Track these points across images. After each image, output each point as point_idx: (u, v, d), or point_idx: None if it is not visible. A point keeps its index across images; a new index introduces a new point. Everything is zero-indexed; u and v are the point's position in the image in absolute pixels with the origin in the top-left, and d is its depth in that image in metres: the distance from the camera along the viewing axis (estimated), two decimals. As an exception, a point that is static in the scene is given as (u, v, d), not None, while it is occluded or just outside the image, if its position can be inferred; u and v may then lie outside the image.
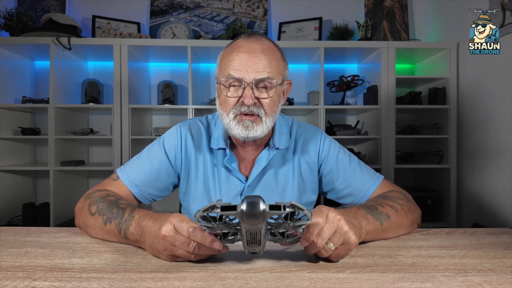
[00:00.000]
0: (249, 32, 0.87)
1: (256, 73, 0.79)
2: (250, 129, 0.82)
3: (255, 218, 0.51)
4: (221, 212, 0.52)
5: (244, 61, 0.80)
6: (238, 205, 0.52)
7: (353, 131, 2.20)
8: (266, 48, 0.82)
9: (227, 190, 0.91)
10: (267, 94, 0.82)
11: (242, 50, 0.81)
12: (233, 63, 0.80)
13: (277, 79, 0.82)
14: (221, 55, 0.87)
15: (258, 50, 0.81)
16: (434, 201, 2.11)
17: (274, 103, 0.84)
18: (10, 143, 2.14)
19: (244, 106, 0.81)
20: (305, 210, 0.53)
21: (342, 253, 0.62)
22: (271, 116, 0.84)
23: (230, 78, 0.81)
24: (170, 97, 2.23)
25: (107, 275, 0.56)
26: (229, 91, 0.82)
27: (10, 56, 2.17)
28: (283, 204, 0.52)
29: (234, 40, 0.87)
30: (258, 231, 0.55)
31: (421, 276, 0.57)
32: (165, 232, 0.59)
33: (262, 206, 0.51)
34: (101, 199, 0.78)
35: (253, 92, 0.80)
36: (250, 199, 0.51)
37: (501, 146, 1.70)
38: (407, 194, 0.89)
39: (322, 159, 0.95)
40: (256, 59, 0.80)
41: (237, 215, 0.52)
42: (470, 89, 1.97)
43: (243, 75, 0.80)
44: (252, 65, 0.79)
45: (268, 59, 0.81)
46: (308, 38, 2.37)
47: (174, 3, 2.48)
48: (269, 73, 0.80)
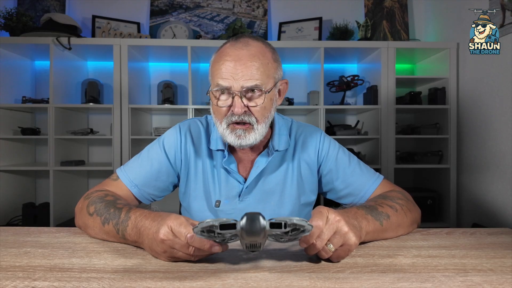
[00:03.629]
0: (237, 35, 0.86)
1: (244, 81, 0.78)
2: (243, 138, 0.81)
3: (255, 235, 0.51)
4: (220, 230, 0.52)
5: (230, 69, 0.78)
6: (237, 223, 0.51)
7: (353, 131, 2.20)
8: (253, 53, 0.79)
9: (226, 190, 0.91)
10: (257, 102, 0.80)
11: (229, 58, 0.79)
12: (220, 72, 0.79)
13: (266, 85, 0.80)
14: (211, 61, 0.86)
15: (245, 57, 0.78)
16: (434, 201, 2.11)
17: (266, 109, 0.82)
18: (10, 143, 2.14)
19: (235, 116, 0.80)
20: (306, 225, 0.52)
21: (342, 254, 0.62)
22: (263, 122, 0.83)
23: (219, 87, 0.80)
24: (170, 97, 2.23)
25: (107, 275, 0.56)
26: (219, 100, 0.82)
27: (10, 56, 2.16)
28: (283, 221, 0.51)
29: (222, 45, 0.85)
30: (257, 244, 0.55)
31: (421, 276, 0.57)
32: (163, 236, 0.59)
33: (262, 224, 0.51)
34: (99, 200, 0.78)
35: (242, 100, 0.79)
36: (249, 216, 0.51)
37: (501, 146, 1.70)
38: (407, 194, 0.89)
39: (322, 159, 0.95)
40: (243, 67, 0.78)
41: (236, 232, 0.52)
42: (470, 89, 1.97)
43: (231, 84, 0.78)
44: (239, 73, 0.78)
45: (255, 65, 0.78)
46: (308, 38, 2.37)
47: (174, 3, 2.48)
48: (257, 80, 0.78)
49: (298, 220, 0.52)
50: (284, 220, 0.52)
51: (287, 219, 0.52)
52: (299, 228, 0.54)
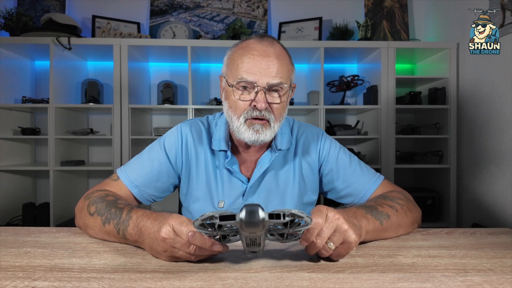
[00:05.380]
0: (261, 34, 0.86)
1: (269, 77, 0.78)
2: (260, 133, 0.81)
3: (254, 227, 0.51)
4: (220, 222, 0.52)
5: (258, 64, 0.78)
6: (237, 214, 0.51)
7: (353, 131, 2.20)
8: (279, 52, 0.81)
9: (229, 191, 0.91)
10: (279, 100, 0.82)
11: (256, 52, 0.79)
12: (247, 65, 0.79)
13: (287, 84, 0.82)
14: (230, 55, 0.85)
15: (272, 54, 0.80)
16: (434, 201, 2.11)
17: (283, 108, 0.84)
18: (10, 143, 2.14)
19: (256, 111, 0.80)
20: (305, 217, 0.53)
21: (343, 252, 0.61)
22: (279, 121, 0.84)
23: (243, 81, 0.79)
24: (170, 97, 2.23)
25: (107, 275, 0.56)
26: (242, 94, 0.81)
27: (10, 56, 2.16)
28: (282, 212, 0.52)
29: (243, 41, 0.84)
30: (257, 237, 0.55)
31: (421, 276, 0.57)
32: (165, 234, 0.59)
33: (261, 215, 0.51)
34: (100, 199, 0.78)
35: (266, 96, 0.79)
36: (249, 207, 0.51)
37: (501, 146, 1.70)
38: (407, 194, 0.89)
39: (323, 159, 0.95)
40: (270, 63, 0.79)
41: (236, 224, 0.52)
42: (470, 89, 1.97)
43: (256, 79, 0.78)
44: (266, 69, 0.78)
45: (281, 64, 0.80)
46: (308, 38, 2.37)
47: (174, 3, 2.48)
48: (281, 78, 0.80)
49: (297, 211, 0.52)
50: (283, 211, 0.52)
51: (286, 210, 0.52)
52: (298, 221, 0.54)
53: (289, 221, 0.54)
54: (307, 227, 0.56)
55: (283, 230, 0.56)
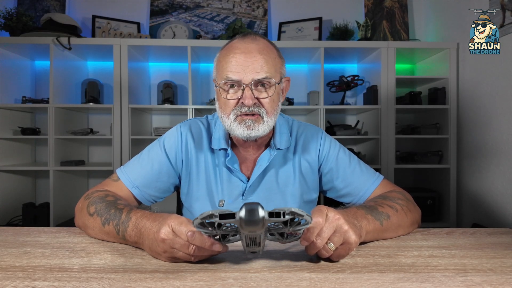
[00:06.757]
0: (244, 32, 0.86)
1: (254, 73, 0.79)
2: (252, 128, 0.81)
3: (254, 225, 0.51)
4: (220, 220, 0.52)
5: (241, 62, 0.79)
6: (236, 213, 0.51)
7: (353, 131, 2.20)
8: (262, 47, 0.82)
9: (229, 190, 0.91)
10: (267, 94, 0.82)
11: (238, 51, 0.80)
12: (230, 65, 0.80)
13: (275, 78, 0.82)
14: (217, 57, 0.86)
15: (254, 50, 0.80)
16: (434, 201, 2.11)
17: (274, 102, 0.84)
18: (10, 143, 2.14)
19: (244, 107, 0.80)
20: (305, 215, 0.52)
21: (343, 253, 0.61)
22: (272, 115, 0.84)
23: (229, 81, 0.81)
24: (170, 97, 2.23)
25: (107, 275, 0.56)
26: (228, 93, 0.82)
27: (10, 56, 2.16)
28: (282, 211, 0.51)
29: (229, 42, 0.86)
30: (257, 236, 0.55)
31: (421, 276, 0.57)
32: (164, 235, 0.59)
33: (261, 214, 0.50)
34: (99, 200, 0.78)
35: (253, 92, 0.80)
36: (248, 206, 0.51)
37: (501, 146, 1.70)
38: (407, 194, 0.89)
39: (323, 158, 0.95)
40: (253, 59, 0.79)
41: (236, 222, 0.52)
42: (470, 89, 1.97)
43: (241, 76, 0.79)
44: (249, 66, 0.79)
45: (264, 58, 0.80)
46: (308, 38, 2.37)
47: (174, 3, 2.48)
48: (267, 73, 0.80)
49: (297, 209, 0.52)
50: (283, 209, 0.52)
51: (286, 208, 0.52)
52: (298, 220, 0.54)
53: (289, 220, 0.53)
54: (307, 226, 0.56)
55: (283, 229, 0.56)
